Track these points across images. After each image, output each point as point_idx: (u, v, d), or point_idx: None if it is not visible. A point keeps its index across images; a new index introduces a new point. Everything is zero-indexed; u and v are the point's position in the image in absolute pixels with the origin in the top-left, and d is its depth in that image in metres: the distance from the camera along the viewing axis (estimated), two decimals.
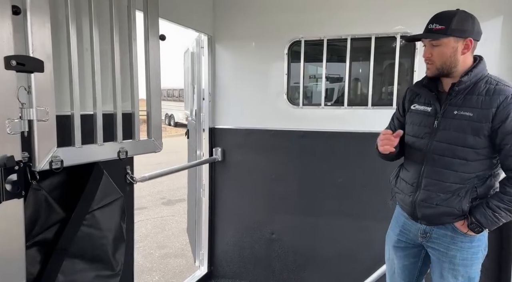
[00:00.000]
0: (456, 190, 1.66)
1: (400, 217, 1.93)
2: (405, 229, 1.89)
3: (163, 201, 7.01)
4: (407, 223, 1.88)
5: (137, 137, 1.87)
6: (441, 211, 1.69)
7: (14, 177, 1.26)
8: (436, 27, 1.61)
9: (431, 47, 1.64)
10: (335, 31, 2.86)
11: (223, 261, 3.36)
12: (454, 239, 1.72)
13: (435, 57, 1.64)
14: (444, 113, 1.67)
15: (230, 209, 3.28)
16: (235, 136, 3.18)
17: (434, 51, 1.64)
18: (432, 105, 1.73)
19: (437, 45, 1.62)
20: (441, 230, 1.74)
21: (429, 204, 1.71)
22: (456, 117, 1.63)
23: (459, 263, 1.71)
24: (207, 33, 3.07)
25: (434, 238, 1.77)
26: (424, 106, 1.77)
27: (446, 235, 1.73)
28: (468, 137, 1.61)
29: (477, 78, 1.64)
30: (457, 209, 1.66)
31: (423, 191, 1.73)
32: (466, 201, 1.65)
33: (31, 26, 1.32)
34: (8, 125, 1.24)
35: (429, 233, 1.78)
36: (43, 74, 1.36)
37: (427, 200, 1.72)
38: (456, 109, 1.64)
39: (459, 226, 1.69)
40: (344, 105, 2.92)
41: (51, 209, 1.59)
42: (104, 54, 1.70)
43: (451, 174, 1.65)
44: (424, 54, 1.68)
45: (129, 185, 2.14)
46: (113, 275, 1.76)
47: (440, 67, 1.65)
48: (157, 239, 5.04)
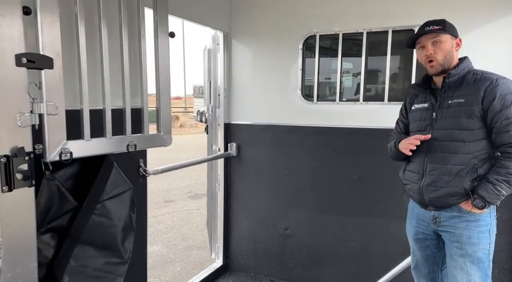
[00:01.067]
0: (458, 171, 1.80)
1: (414, 209, 2.06)
2: (420, 219, 2.01)
3: (190, 195, 7.20)
4: (420, 213, 2.00)
5: (146, 132, 1.94)
6: (445, 193, 1.82)
7: (25, 167, 1.36)
8: (434, 28, 1.82)
9: (432, 45, 1.83)
10: (351, 25, 2.81)
11: (238, 254, 3.41)
12: (460, 218, 1.83)
13: (438, 53, 1.82)
14: (440, 105, 1.87)
15: (244, 204, 3.32)
16: (250, 132, 3.20)
17: (436, 48, 1.83)
18: (428, 101, 1.93)
19: (438, 41, 1.82)
20: (448, 213, 1.86)
21: (434, 187, 1.85)
22: (451, 106, 1.83)
23: (465, 241, 1.81)
24: (223, 30, 3.11)
25: (443, 221, 1.88)
26: (422, 104, 1.97)
27: (453, 217, 1.85)
28: (462, 120, 1.79)
29: (465, 72, 1.85)
30: (460, 188, 1.79)
31: (428, 176, 1.88)
32: (467, 180, 1.78)
33: (41, 25, 1.40)
34: (19, 118, 1.33)
35: (438, 217, 1.89)
36: (53, 70, 1.44)
37: (432, 183, 1.86)
38: (450, 99, 1.84)
39: (463, 205, 1.81)
40: (359, 101, 2.87)
41: (64, 198, 1.69)
42: (113, 51, 1.77)
43: (451, 156, 1.81)
44: (426, 52, 1.84)
45: (142, 178, 2.23)
46: (121, 263, 1.84)
47: (442, 62, 1.82)
48: (181, 231, 5.20)
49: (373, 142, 2.79)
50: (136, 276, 2.24)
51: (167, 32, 1.99)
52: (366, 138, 2.83)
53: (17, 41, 1.31)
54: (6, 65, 1.29)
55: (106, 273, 1.78)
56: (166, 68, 1.99)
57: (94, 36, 1.70)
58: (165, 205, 6.51)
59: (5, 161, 1.30)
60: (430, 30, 1.82)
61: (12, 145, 1.32)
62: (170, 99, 2.04)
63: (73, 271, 1.66)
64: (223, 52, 3.16)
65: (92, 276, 1.73)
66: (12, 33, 1.29)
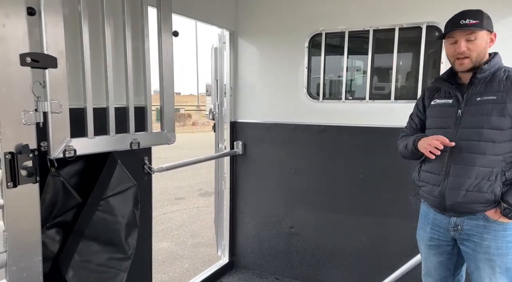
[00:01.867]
0: (486, 174, 1.66)
1: (428, 214, 1.92)
2: (436, 225, 1.88)
3: (200, 192, 7.26)
4: (437, 219, 1.87)
5: (149, 130, 1.96)
6: (472, 198, 1.68)
7: (30, 163, 1.40)
8: (470, 22, 1.66)
9: (466, 42, 1.69)
10: (357, 23, 2.78)
11: (244, 252, 3.43)
12: (487, 228, 1.70)
13: (472, 51, 1.68)
14: (467, 102, 1.73)
15: (250, 202, 3.33)
16: (255, 130, 3.21)
17: (470, 45, 1.69)
18: (453, 97, 1.79)
19: (474, 38, 1.68)
20: (472, 221, 1.73)
21: (459, 191, 1.71)
22: (479, 103, 1.69)
23: (494, 252, 1.69)
24: (229, 29, 3.12)
25: (466, 229, 1.75)
26: (445, 99, 1.83)
27: (478, 225, 1.72)
28: (493, 118, 1.65)
29: (496, 68, 1.72)
30: (489, 194, 1.65)
31: (452, 178, 1.73)
32: (498, 184, 1.65)
33: (45, 25, 1.44)
34: (23, 116, 1.37)
35: (460, 225, 1.77)
36: (57, 69, 1.48)
37: (457, 186, 1.71)
38: (479, 96, 1.70)
39: (490, 214, 1.68)
40: (365, 99, 2.84)
41: (69, 194, 1.73)
42: (117, 50, 1.80)
43: (479, 157, 1.67)
44: (459, 49, 1.70)
45: (147, 175, 2.26)
46: (125, 258, 1.88)
47: (475, 60, 1.70)
48: (191, 228, 5.26)
49: (380, 140, 2.77)
50: (141, 272, 2.28)
51: (171, 31, 2.01)
52: (373, 137, 2.80)
53: (21, 41, 1.34)
54: (11, 65, 1.32)
55: (110, 268, 1.82)
56: (169, 67, 2.01)
57: (97, 35, 1.73)
58: (176, 202, 6.59)
59: (10, 158, 1.34)
60: (465, 24, 1.66)
61: (17, 142, 1.36)
62: (173, 98, 2.07)
63: (77, 266, 1.70)
64: (229, 51, 3.18)
65: (96, 271, 1.77)
66: (16, 33, 1.33)
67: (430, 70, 2.69)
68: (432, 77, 2.66)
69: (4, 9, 1.28)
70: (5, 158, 1.33)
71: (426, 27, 2.59)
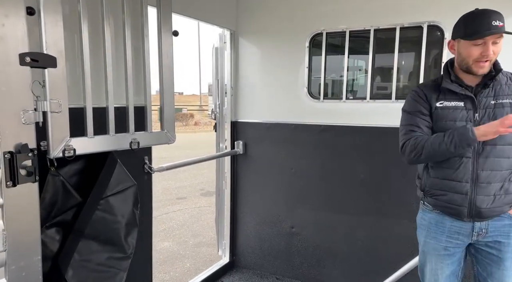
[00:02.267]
0: (509, 176, 1.69)
1: (444, 222, 1.82)
2: (454, 232, 1.80)
3: (201, 192, 7.27)
4: (455, 226, 1.79)
5: (149, 129, 1.96)
6: (501, 201, 1.70)
7: (29, 163, 1.40)
8: (500, 25, 1.60)
9: (491, 45, 1.63)
10: (358, 23, 2.78)
11: (245, 251, 3.42)
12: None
13: (495, 54, 1.66)
14: (481, 105, 1.71)
15: (251, 201, 3.33)
16: (256, 130, 3.21)
17: (495, 48, 1.65)
18: (463, 100, 1.72)
19: (498, 42, 1.64)
20: (497, 222, 1.74)
21: (493, 196, 1.70)
22: (496, 106, 1.68)
23: None
24: (230, 29, 3.12)
25: (491, 231, 1.75)
26: (455, 102, 1.73)
27: (504, 225, 1.74)
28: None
29: (496, 70, 1.73)
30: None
31: (482, 184, 1.70)
32: None
33: (44, 25, 1.44)
34: (23, 116, 1.38)
35: (484, 228, 1.75)
36: (56, 69, 1.48)
37: (491, 193, 1.70)
38: (493, 99, 1.69)
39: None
40: (366, 99, 2.83)
41: (68, 193, 1.74)
42: (117, 50, 1.80)
43: (505, 161, 1.68)
44: (487, 52, 1.62)
45: (147, 174, 2.26)
46: (124, 258, 1.88)
47: (492, 64, 1.69)
48: (192, 228, 5.27)
49: (380, 140, 2.76)
50: (141, 271, 2.28)
51: (171, 30, 2.01)
52: (373, 137, 2.80)
53: (21, 40, 1.35)
54: (10, 64, 1.33)
55: (109, 268, 1.82)
56: (169, 67, 2.01)
57: (97, 35, 1.73)
58: (178, 202, 6.60)
59: (9, 157, 1.34)
60: (496, 27, 1.59)
61: (16, 141, 1.36)
62: (173, 98, 2.07)
63: (77, 265, 1.70)
64: (230, 51, 3.18)
65: (96, 271, 1.77)
66: (16, 32, 1.33)
67: (431, 70, 2.68)
68: (433, 76, 2.65)
69: (3, 9, 1.28)
70: (5, 157, 1.33)
71: (427, 27, 2.58)
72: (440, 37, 2.56)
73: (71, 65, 1.64)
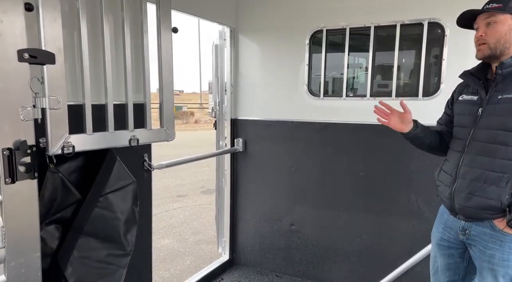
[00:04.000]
0: (495, 179, 1.56)
1: (443, 214, 1.86)
2: (447, 226, 1.82)
3: (202, 190, 7.28)
4: (449, 220, 1.80)
5: (148, 126, 1.96)
6: (477, 203, 1.60)
7: (28, 159, 1.40)
8: (493, 6, 1.56)
9: (485, 26, 1.59)
10: (358, 20, 2.77)
11: (244, 249, 3.43)
12: (493, 237, 1.61)
13: (489, 36, 1.57)
14: (489, 100, 1.62)
15: (251, 199, 3.33)
16: (256, 127, 3.21)
17: (488, 30, 1.58)
18: (478, 94, 1.68)
19: (493, 22, 1.57)
20: (480, 227, 1.65)
21: (465, 194, 1.64)
22: (499, 102, 1.58)
23: (498, 263, 1.60)
24: (229, 26, 3.11)
25: (473, 235, 1.68)
26: (471, 95, 1.72)
27: (484, 233, 1.64)
28: (508, 120, 1.54)
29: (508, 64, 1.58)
30: (495, 201, 1.55)
31: (460, 180, 1.66)
32: (506, 191, 1.54)
33: (43, 21, 1.44)
34: (21, 112, 1.37)
35: (468, 230, 1.69)
36: (55, 66, 1.48)
37: (464, 189, 1.64)
38: (501, 94, 1.58)
39: (497, 222, 1.59)
40: (366, 96, 2.83)
41: (68, 190, 1.73)
42: (116, 46, 1.80)
43: (489, 160, 1.57)
44: (477, 34, 1.61)
45: (147, 172, 2.26)
46: (124, 255, 1.88)
47: (493, 46, 1.57)
48: (193, 225, 5.27)
49: (381, 138, 2.75)
50: (141, 268, 2.28)
51: (170, 27, 2.00)
52: (373, 134, 2.79)
53: (19, 36, 1.34)
54: (8, 61, 1.32)
55: (109, 265, 1.82)
56: (169, 64, 2.00)
57: (96, 31, 1.73)
58: (178, 200, 6.61)
59: (8, 154, 1.34)
60: (488, 8, 1.56)
61: (15, 138, 1.36)
62: (173, 95, 2.06)
63: (76, 262, 1.70)
64: (230, 48, 3.17)
65: (95, 267, 1.78)
66: (14, 29, 1.32)
67: (432, 67, 2.67)
68: (434, 74, 2.64)
69: (1, 5, 1.28)
70: (3, 154, 1.33)
71: (428, 24, 2.57)
72: (441, 34, 2.55)
73: (70, 62, 1.63)
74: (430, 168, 2.52)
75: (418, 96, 2.64)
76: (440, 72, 2.56)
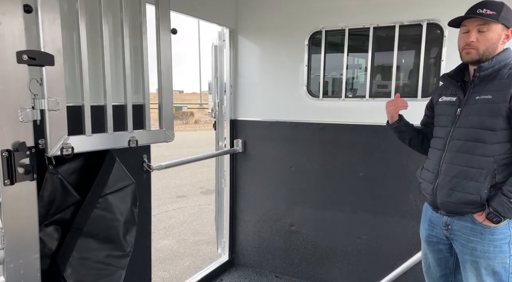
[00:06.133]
0: (474, 174, 1.63)
1: (427, 211, 1.92)
2: (432, 223, 1.88)
3: (201, 190, 7.28)
4: (433, 217, 1.86)
5: (148, 128, 1.96)
6: (458, 198, 1.66)
7: (27, 161, 1.40)
8: (487, 12, 1.59)
9: (477, 33, 1.63)
10: (357, 21, 2.77)
11: (244, 250, 3.43)
12: (474, 230, 1.68)
13: (481, 43, 1.62)
14: (467, 101, 1.69)
15: (250, 200, 3.34)
16: (255, 128, 3.21)
17: (480, 36, 1.62)
18: (456, 95, 1.76)
19: (485, 30, 1.61)
20: (461, 221, 1.72)
21: (447, 190, 1.70)
22: (477, 103, 1.65)
23: (479, 255, 1.67)
24: (229, 27, 3.11)
25: (455, 230, 1.74)
26: (450, 97, 1.80)
27: (466, 227, 1.70)
28: (486, 119, 1.61)
29: (501, 65, 1.64)
30: (475, 195, 1.62)
31: (442, 176, 1.73)
32: (485, 186, 1.60)
33: (42, 23, 1.44)
34: (20, 114, 1.37)
35: (450, 225, 1.76)
36: (54, 67, 1.48)
37: (445, 185, 1.71)
38: (478, 95, 1.66)
39: (477, 216, 1.65)
40: (365, 97, 2.83)
41: (67, 191, 1.74)
42: (115, 48, 1.80)
43: (468, 157, 1.65)
44: (468, 39, 1.65)
45: (146, 173, 2.26)
46: (123, 255, 1.88)
47: (482, 53, 1.63)
48: (192, 226, 5.28)
49: (379, 138, 2.76)
50: (140, 269, 2.29)
51: (169, 28, 2.00)
52: (372, 135, 2.79)
53: (18, 38, 1.34)
54: (7, 62, 1.32)
55: (108, 266, 1.82)
56: (168, 65, 2.00)
57: (95, 33, 1.73)
58: (177, 200, 6.61)
59: (7, 155, 1.34)
60: (481, 14, 1.59)
61: (14, 139, 1.36)
62: (172, 96, 2.06)
63: (76, 263, 1.70)
64: (229, 49, 3.17)
65: (94, 268, 1.78)
66: (13, 30, 1.33)
67: (431, 67, 2.68)
68: (433, 75, 2.65)
69: (0, 6, 1.28)
70: (2, 155, 1.33)
71: (426, 25, 2.57)
72: (440, 35, 2.56)
73: (69, 63, 1.63)
74: None
75: (417, 97, 2.65)
76: (439, 73, 2.56)
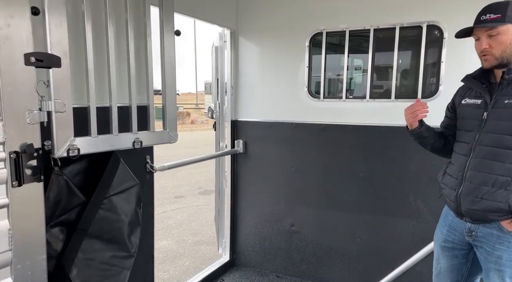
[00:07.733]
0: (503, 183, 1.57)
1: (448, 216, 1.87)
2: (452, 228, 1.83)
3: (199, 191, 7.27)
4: (454, 222, 1.81)
5: (152, 129, 1.97)
6: (485, 206, 1.61)
7: (34, 162, 1.40)
8: (490, 17, 1.57)
9: (488, 38, 1.60)
10: (358, 22, 2.79)
11: (245, 250, 3.44)
12: (500, 238, 1.63)
13: (494, 47, 1.59)
14: (494, 104, 1.62)
15: (251, 200, 3.35)
16: (256, 128, 3.22)
17: (492, 41, 1.59)
18: (482, 98, 1.69)
19: (495, 34, 1.58)
20: (487, 229, 1.66)
21: (473, 197, 1.65)
22: (506, 107, 1.58)
23: (505, 264, 1.62)
24: (229, 28, 3.12)
25: (480, 236, 1.69)
26: (474, 99, 1.73)
27: (492, 234, 1.65)
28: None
29: None
30: (503, 204, 1.57)
31: (467, 183, 1.67)
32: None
33: (49, 25, 1.44)
34: (28, 116, 1.38)
35: (474, 231, 1.70)
36: (61, 69, 1.48)
37: (471, 193, 1.65)
38: (507, 99, 1.59)
39: (505, 224, 1.60)
40: (366, 98, 2.85)
41: (72, 193, 1.74)
42: (120, 49, 1.81)
43: (497, 165, 1.59)
44: (480, 46, 1.62)
45: (149, 174, 2.27)
46: (128, 256, 1.89)
47: (500, 57, 1.59)
48: (191, 226, 5.28)
49: (380, 139, 2.78)
50: (143, 269, 2.29)
51: (173, 30, 2.01)
52: (373, 135, 2.82)
53: (25, 40, 1.35)
54: (15, 64, 1.33)
55: (113, 266, 1.83)
56: (171, 66, 2.01)
57: (100, 35, 1.74)
58: (176, 201, 6.60)
59: (15, 157, 1.34)
60: (485, 21, 1.57)
61: (21, 141, 1.37)
62: (175, 97, 2.07)
63: (81, 264, 1.71)
64: (230, 50, 3.19)
65: (99, 269, 1.78)
66: (21, 33, 1.33)
67: (431, 69, 2.71)
68: (433, 76, 2.68)
69: (9, 10, 1.28)
70: (10, 157, 1.33)
71: (426, 27, 2.60)
72: (440, 37, 2.59)
73: (75, 65, 1.64)
74: (429, 168, 2.57)
75: (417, 98, 2.67)
76: (439, 74, 2.60)
